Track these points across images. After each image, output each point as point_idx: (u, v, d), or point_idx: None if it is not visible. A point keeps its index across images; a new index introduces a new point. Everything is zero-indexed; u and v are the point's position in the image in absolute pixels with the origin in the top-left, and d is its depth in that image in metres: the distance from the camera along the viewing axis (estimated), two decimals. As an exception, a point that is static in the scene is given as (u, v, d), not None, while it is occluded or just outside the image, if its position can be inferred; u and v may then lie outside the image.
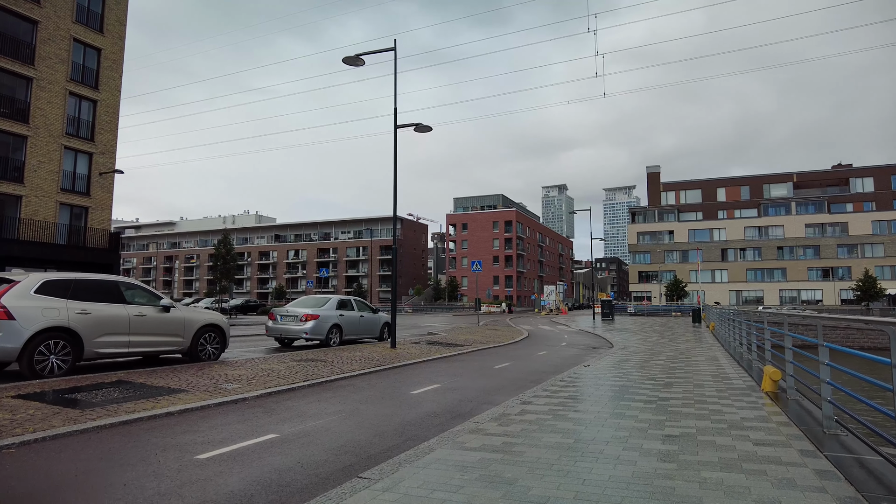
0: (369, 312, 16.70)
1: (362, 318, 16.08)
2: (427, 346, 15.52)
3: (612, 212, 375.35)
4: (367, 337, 16.65)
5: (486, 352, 15.30)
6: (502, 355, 14.53)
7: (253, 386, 8.11)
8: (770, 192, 78.48)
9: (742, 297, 75.44)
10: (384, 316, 17.51)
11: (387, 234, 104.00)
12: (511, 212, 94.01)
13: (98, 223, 30.74)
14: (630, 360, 13.09)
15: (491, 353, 15.13)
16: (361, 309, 16.42)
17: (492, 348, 16.43)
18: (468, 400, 7.78)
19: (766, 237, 75.50)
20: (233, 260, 39.15)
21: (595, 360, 12.82)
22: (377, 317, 16.96)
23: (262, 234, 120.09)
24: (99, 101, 30.94)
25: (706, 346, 17.31)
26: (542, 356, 14.81)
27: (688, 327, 29.22)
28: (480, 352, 15.20)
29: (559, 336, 23.46)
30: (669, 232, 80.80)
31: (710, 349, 16.13)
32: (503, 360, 13.45)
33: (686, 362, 12.53)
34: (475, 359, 13.45)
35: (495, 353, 15.17)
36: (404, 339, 18.90)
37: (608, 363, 12.24)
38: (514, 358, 13.97)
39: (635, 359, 13.29)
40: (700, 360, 12.91)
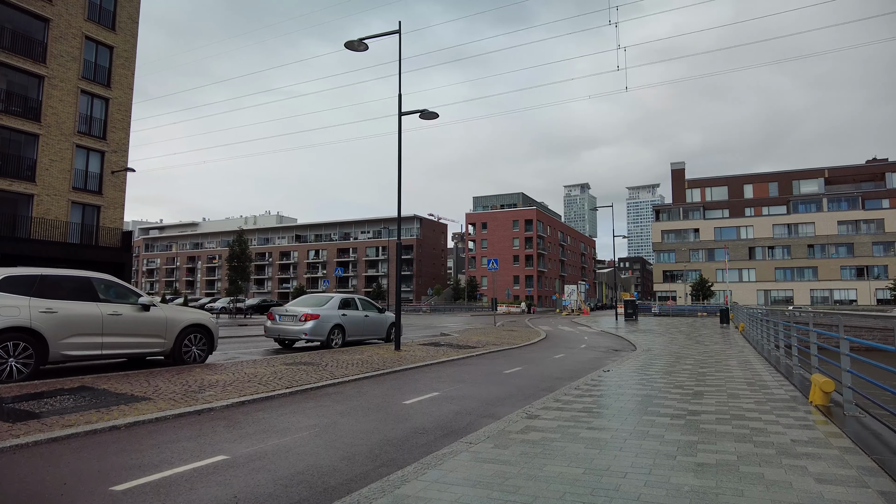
0: (375, 312, 15.81)
1: (367, 319, 15.19)
2: (435, 349, 14.57)
3: (636, 211, 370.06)
4: (374, 338, 15.77)
5: (497, 355, 14.28)
6: (515, 359, 13.50)
7: (227, 393, 7.24)
8: (800, 188, 75.83)
9: (770, 297, 72.99)
10: (391, 316, 16.60)
11: (406, 233, 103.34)
12: (531, 210, 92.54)
13: (110, 222, 30.45)
14: (654, 364, 11.96)
15: (503, 356, 14.12)
16: (366, 308, 15.53)
17: (504, 351, 15.40)
18: (466, 412, 6.80)
19: (795, 235, 72.90)
20: (248, 259, 38.73)
21: (616, 365, 11.73)
22: (384, 317, 16.06)
23: (283, 234, 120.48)
24: (111, 98, 30.65)
25: (737, 348, 16.05)
26: (559, 360, 13.74)
27: (715, 328, 27.79)
28: (491, 355, 14.19)
29: (579, 337, 22.31)
30: (695, 230, 78.61)
31: (742, 352, 14.88)
32: (515, 364, 12.42)
33: (716, 367, 11.37)
34: (484, 363, 12.46)
35: (507, 356, 14.15)
36: (413, 340, 17.98)
37: (630, 368, 11.14)
38: (527, 362, 12.94)
39: (660, 363, 12.16)
40: (732, 365, 11.73)
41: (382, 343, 15.78)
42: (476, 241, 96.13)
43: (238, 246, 37.68)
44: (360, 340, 15.33)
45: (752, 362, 12.23)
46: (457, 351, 14.14)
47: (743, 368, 11.12)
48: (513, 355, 14.26)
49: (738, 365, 11.79)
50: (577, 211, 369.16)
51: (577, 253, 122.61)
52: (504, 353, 14.89)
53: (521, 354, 14.59)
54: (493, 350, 15.07)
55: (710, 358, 13.34)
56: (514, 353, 14.99)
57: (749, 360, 12.89)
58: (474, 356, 13.54)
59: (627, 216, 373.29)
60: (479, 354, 13.91)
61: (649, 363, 12.11)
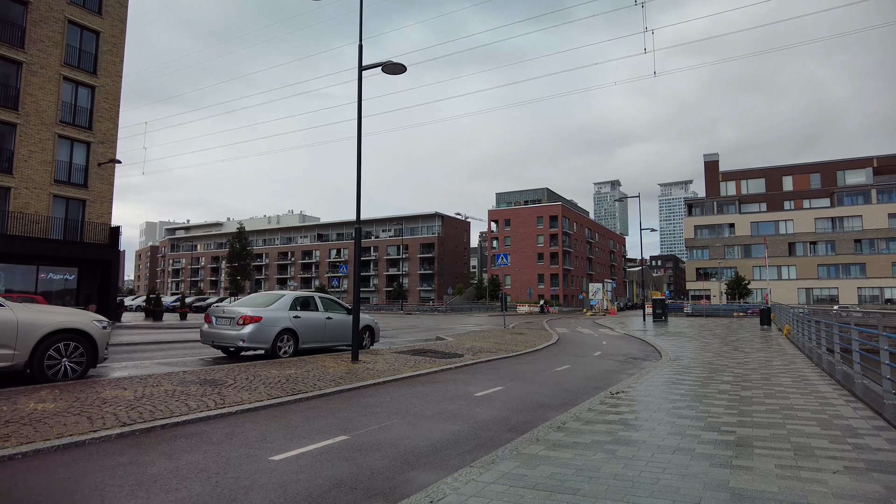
0: (342, 313, 13.27)
1: (330, 322, 12.66)
2: (408, 358, 11.97)
3: (668, 207, 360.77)
4: (341, 344, 13.22)
5: (483, 367, 11.60)
6: (503, 372, 10.81)
7: (21, 438, 4.78)
8: (845, 179, 70.76)
9: (813, 296, 68.24)
10: (367, 318, 14.07)
11: (428, 231, 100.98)
12: (556, 206, 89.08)
13: (97, 217, 28.69)
14: (682, 380, 9.15)
15: (490, 368, 11.44)
16: (330, 309, 13.01)
17: (496, 360, 12.71)
18: (354, 484, 4.17)
19: (840, 229, 67.94)
20: (248, 256, 36.77)
21: (632, 382, 8.97)
22: (350, 319, 13.52)
23: (305, 233, 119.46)
24: (98, 87, 28.88)
25: (785, 357, 13.04)
26: (559, 374, 11.00)
27: (755, 331, 24.52)
28: (476, 367, 11.51)
29: (595, 342, 19.44)
30: (730, 225, 74.19)
31: (793, 363, 11.90)
32: (498, 380, 9.75)
33: (765, 387, 8.52)
34: (459, 379, 9.81)
35: (496, 368, 11.46)
36: (395, 346, 15.42)
37: (649, 388, 8.37)
38: (516, 377, 10.24)
39: (689, 379, 9.34)
40: (786, 384, 8.85)
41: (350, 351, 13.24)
42: (499, 238, 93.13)
43: (238, 243, 35.78)
44: (323, 348, 12.83)
45: (813, 380, 9.31)
46: (435, 361, 11.51)
47: (802, 390, 8.24)
48: (503, 368, 11.55)
49: (794, 384, 8.90)
50: (608, 209, 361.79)
51: (606, 250, 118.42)
52: (494, 363, 12.19)
53: (515, 366, 11.88)
54: (481, 360, 12.38)
55: (753, 372, 10.43)
56: (506, 364, 12.28)
57: (806, 375, 9.96)
58: (451, 369, 10.89)
59: (659, 213, 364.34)
60: (459, 366, 11.25)
61: (675, 379, 9.30)
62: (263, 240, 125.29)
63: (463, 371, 10.81)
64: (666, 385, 8.89)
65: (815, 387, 8.64)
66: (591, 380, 10.23)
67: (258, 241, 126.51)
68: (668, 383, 9.09)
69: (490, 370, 11.10)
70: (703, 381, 9.35)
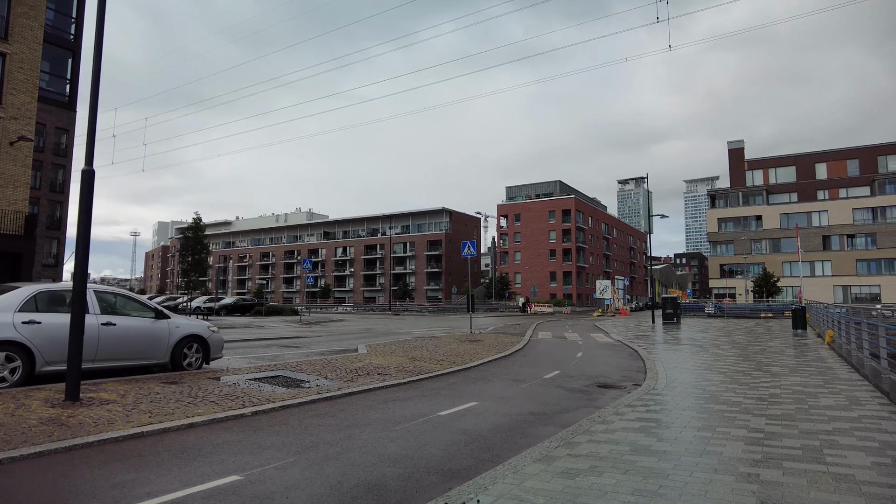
0: (144, 318, 8.87)
1: (111, 330, 8.23)
2: (225, 389, 7.49)
3: (694, 205, 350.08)
4: (137, 362, 8.77)
5: (329, 406, 7.10)
6: (345, 419, 6.27)
7: None
8: (887, 165, 64.19)
9: (851, 294, 61.89)
10: (192, 324, 9.64)
11: (435, 228, 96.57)
12: (569, 199, 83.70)
13: (8, 204, 24.80)
14: (648, 450, 4.44)
15: (338, 409, 6.96)
16: (119, 310, 8.62)
17: (373, 391, 8.17)
18: None
19: (882, 220, 61.41)
20: (204, 250, 32.63)
21: (552, 449, 4.32)
22: (162, 326, 9.06)
23: (312, 231, 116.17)
24: (9, 54, 25.02)
25: (837, 385, 8.22)
26: (440, 423, 6.46)
27: (786, 336, 19.47)
28: (312, 407, 7.03)
29: (569, 353, 14.70)
30: (756, 217, 68.09)
31: (854, 396, 7.09)
32: (303, 444, 5.22)
33: (814, 466, 3.76)
34: (234, 442, 5.30)
35: (349, 409, 6.94)
36: (282, 359, 10.94)
37: (564, 487, 3.70)
38: (350, 432, 5.69)
39: (664, 445, 4.61)
40: (855, 457, 4.09)
41: (165, 369, 8.79)
42: (508, 234, 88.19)
43: (192, 234, 31.69)
44: (100, 369, 8.39)
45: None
46: (252, 399, 7.01)
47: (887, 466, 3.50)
48: (362, 408, 6.98)
49: (870, 450, 4.15)
50: (632, 206, 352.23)
51: (626, 247, 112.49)
52: (358, 399, 7.63)
53: (386, 404, 7.31)
54: (351, 391, 7.86)
55: (788, 424, 5.70)
56: (380, 398, 7.69)
57: (884, 426, 5.18)
58: (244, 416, 6.36)
59: (685, 210, 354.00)
60: (270, 409, 6.71)
61: (635, 448, 4.62)
62: (270, 238, 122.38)
63: (270, 419, 6.28)
64: (612, 465, 4.25)
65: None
66: (478, 442, 5.61)
67: (265, 239, 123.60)
68: (612, 464, 4.44)
69: (331, 414, 6.55)
70: (691, 453, 4.67)
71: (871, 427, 5.79)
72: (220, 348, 10.09)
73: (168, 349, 9.13)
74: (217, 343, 9.97)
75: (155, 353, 9.00)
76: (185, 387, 7.79)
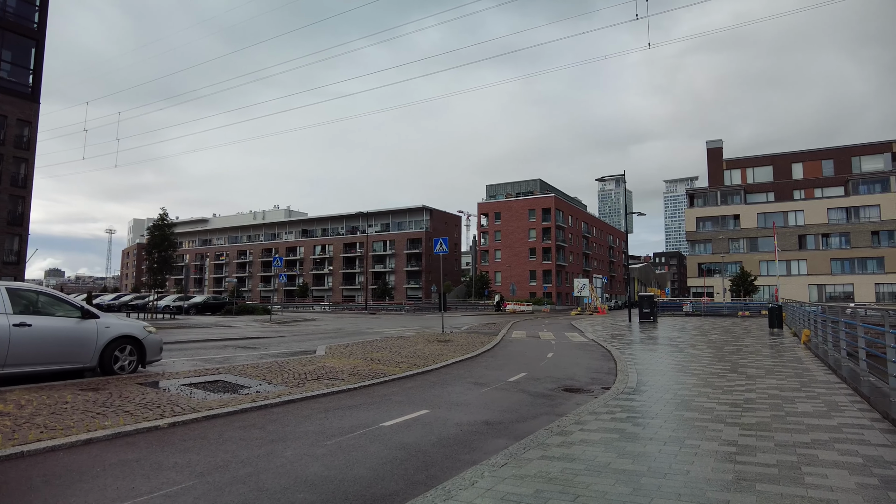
0: (69, 318, 8.06)
1: (24, 332, 7.40)
2: (178, 393, 6.72)
3: (673, 204, 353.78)
4: (59, 366, 7.94)
5: (268, 415, 6.37)
6: (281, 432, 5.60)
7: None
8: (861, 165, 64.98)
9: (825, 293, 62.53)
10: (126, 324, 8.84)
11: (415, 226, 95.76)
12: (549, 198, 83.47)
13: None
14: (609, 469, 3.79)
15: (267, 419, 6.23)
16: (43, 310, 7.82)
17: (312, 398, 7.46)
18: None
19: (856, 220, 62.14)
20: (171, 247, 31.54)
21: (496, 468, 3.65)
22: (85, 328, 8.25)
23: (290, 228, 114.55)
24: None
25: (814, 387, 7.71)
26: (379, 434, 5.79)
27: (762, 335, 19.14)
28: (257, 414, 6.31)
29: (539, 353, 14.12)
30: (734, 216, 68.50)
31: (833, 399, 6.58)
32: (193, 466, 4.49)
33: (793, 487, 3.17)
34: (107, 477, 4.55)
35: (292, 417, 6.24)
36: (233, 362, 10.15)
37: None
38: (269, 449, 4.99)
39: (625, 462, 3.97)
40: (839, 483, 3.51)
41: (93, 374, 7.99)
42: (489, 232, 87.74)
43: (158, 231, 30.55)
44: (15, 375, 7.55)
45: (878, 447, 3.97)
46: (174, 409, 6.26)
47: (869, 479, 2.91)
48: (269, 427, 6.27)
49: (847, 460, 3.56)
50: (613, 206, 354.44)
51: (605, 246, 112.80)
52: (290, 409, 6.91)
53: (324, 414, 6.61)
54: (294, 397, 7.15)
55: (764, 435, 5.11)
56: (305, 409, 6.99)
57: (867, 436, 4.62)
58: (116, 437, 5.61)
59: (665, 210, 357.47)
60: (170, 424, 5.97)
61: (586, 468, 3.98)
62: (248, 236, 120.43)
63: (187, 432, 5.55)
64: (560, 490, 3.62)
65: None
66: (416, 459, 4.94)
67: (242, 237, 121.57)
68: (561, 488, 3.81)
69: (259, 426, 5.83)
70: (655, 472, 4.05)
71: (852, 438, 5.24)
72: (157, 350, 9.28)
73: (96, 352, 8.31)
74: (154, 345, 9.17)
75: (80, 356, 8.18)
76: (105, 394, 7.00)
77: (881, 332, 7.08)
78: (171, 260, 32.28)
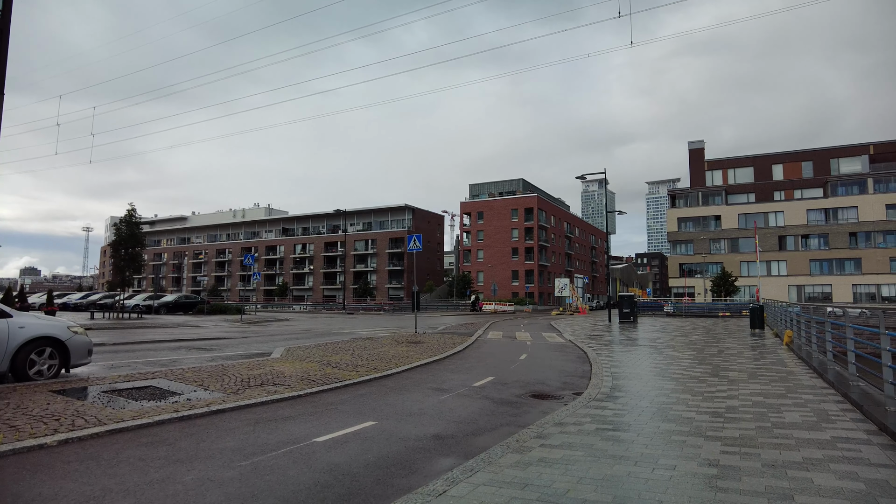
0: None
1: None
2: (95, 401, 5.84)
3: (656, 205, 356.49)
4: None
5: (187, 427, 5.58)
6: (192, 450, 4.80)
7: None
8: (839, 167, 65.43)
9: (804, 294, 62.86)
10: (34, 325, 7.93)
11: (397, 225, 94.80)
12: (532, 198, 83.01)
13: None
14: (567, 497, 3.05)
15: (192, 434, 5.40)
16: None
17: (253, 407, 6.63)
18: None
19: (834, 221, 62.55)
20: (138, 244, 30.27)
21: None
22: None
23: (270, 227, 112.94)
24: None
25: (800, 392, 7.06)
26: (315, 453, 4.95)
27: (743, 337, 18.63)
28: (174, 426, 5.52)
29: (513, 355, 13.39)
30: (716, 217, 68.62)
31: (821, 408, 5.92)
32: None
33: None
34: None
35: (213, 431, 5.43)
36: (158, 369, 9.26)
37: None
38: (167, 472, 4.18)
39: (590, 498, 3.24)
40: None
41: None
42: (471, 232, 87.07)
43: (126, 227, 29.22)
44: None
45: (874, 462, 3.28)
46: (78, 422, 5.39)
47: None
48: (180, 443, 5.45)
49: (843, 484, 2.87)
50: (596, 206, 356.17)
51: (587, 246, 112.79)
52: (196, 424, 6.08)
53: (218, 440, 5.79)
54: (191, 414, 6.29)
55: (748, 451, 4.38)
56: (214, 427, 6.16)
57: (868, 457, 3.93)
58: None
59: (647, 211, 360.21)
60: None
61: (538, 498, 3.24)
62: (227, 234, 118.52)
63: (79, 450, 4.70)
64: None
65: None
66: (340, 486, 4.16)
67: (222, 235, 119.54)
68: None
69: (170, 442, 5.01)
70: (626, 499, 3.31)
71: (849, 456, 4.55)
72: (85, 353, 8.38)
73: (6, 356, 7.40)
74: (80, 347, 8.26)
75: (-14, 359, 7.26)
76: (2, 404, 6.11)
77: (875, 333, 6.43)
78: (140, 258, 31.00)
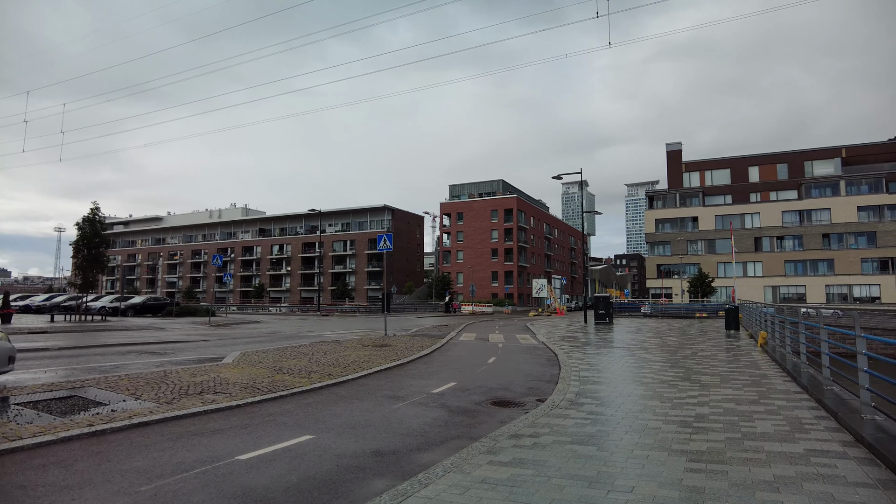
0: None
1: None
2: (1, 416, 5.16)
3: (635, 207, 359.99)
4: None
5: (96, 444, 4.97)
6: (90, 473, 4.20)
7: None
8: (813, 169, 66.30)
9: (779, 294, 63.56)
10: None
11: (376, 226, 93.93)
12: (511, 199, 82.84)
13: None
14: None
15: (98, 453, 4.80)
16: None
17: (181, 419, 6.03)
18: None
19: (808, 223, 63.39)
20: (103, 244, 29.17)
21: None
22: None
23: (247, 227, 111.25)
24: None
25: (773, 398, 6.65)
26: (234, 473, 4.39)
27: (718, 339, 18.40)
28: (81, 443, 4.90)
29: (482, 358, 12.89)
30: (693, 218, 69.08)
31: (794, 415, 5.50)
32: None
33: None
34: None
35: (125, 448, 4.84)
36: (90, 377, 8.56)
37: None
38: (50, 501, 3.53)
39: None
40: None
41: None
42: (451, 233, 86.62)
43: (89, 226, 28.11)
44: None
45: (847, 477, 2.83)
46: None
47: None
48: (79, 464, 4.85)
49: None
50: (576, 208, 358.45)
51: (567, 247, 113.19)
52: (108, 440, 5.47)
53: (126, 459, 5.20)
54: (105, 428, 5.68)
55: (716, 470, 3.90)
56: (127, 443, 5.56)
57: (844, 474, 3.50)
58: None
59: (626, 213, 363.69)
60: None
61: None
62: (203, 235, 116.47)
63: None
64: None
65: None
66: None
67: (198, 236, 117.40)
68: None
69: (67, 463, 4.40)
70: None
71: (825, 473, 4.12)
72: (5, 360, 7.68)
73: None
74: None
75: None
76: None
77: (851, 336, 6.05)
78: (104, 258, 29.90)
